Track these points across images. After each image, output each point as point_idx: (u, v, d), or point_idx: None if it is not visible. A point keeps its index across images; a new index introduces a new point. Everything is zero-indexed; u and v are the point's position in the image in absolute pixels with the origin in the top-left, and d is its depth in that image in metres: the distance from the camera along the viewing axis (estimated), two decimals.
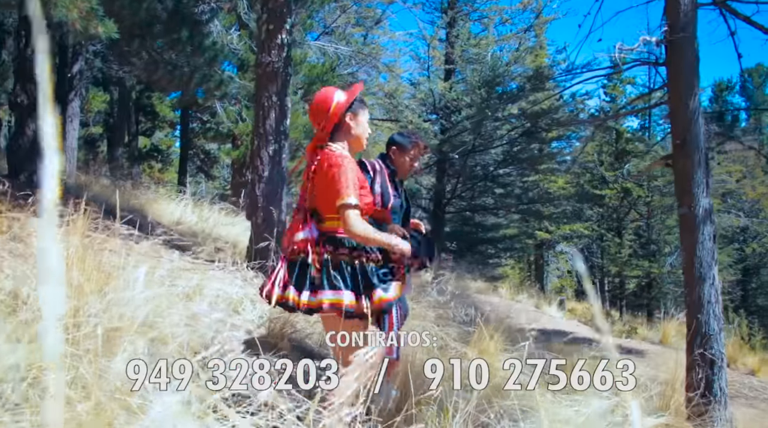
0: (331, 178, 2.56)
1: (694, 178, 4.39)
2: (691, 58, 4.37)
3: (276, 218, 5.67)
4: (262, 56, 5.61)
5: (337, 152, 2.65)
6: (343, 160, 2.59)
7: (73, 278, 2.91)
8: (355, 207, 2.50)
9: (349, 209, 2.49)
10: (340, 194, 2.50)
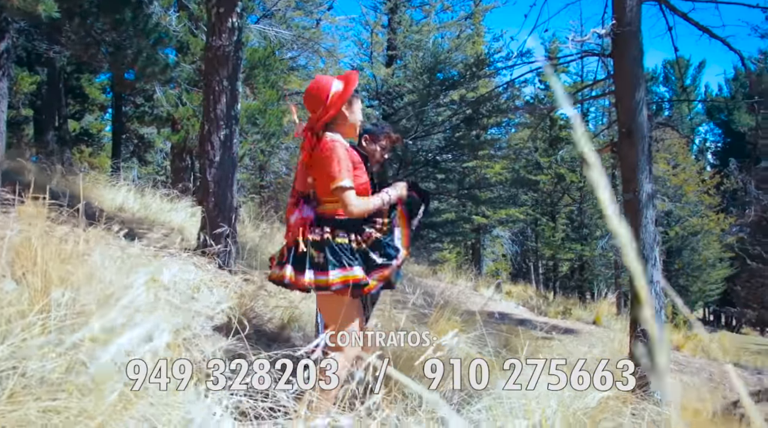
0: (326, 164, 2.67)
1: (639, 165, 4.65)
2: (636, 51, 4.62)
3: (228, 203, 5.63)
4: (212, 40, 5.52)
5: (330, 139, 2.74)
6: (335, 145, 2.69)
7: (38, 268, 2.86)
8: (350, 189, 2.62)
9: (345, 191, 2.62)
10: (335, 178, 2.62)
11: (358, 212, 2.65)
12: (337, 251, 2.65)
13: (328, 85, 2.77)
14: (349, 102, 2.81)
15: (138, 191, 8.89)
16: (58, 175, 8.08)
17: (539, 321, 13.51)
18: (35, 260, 3.27)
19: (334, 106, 2.74)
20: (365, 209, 2.65)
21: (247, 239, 7.49)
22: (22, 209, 4.24)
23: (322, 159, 2.70)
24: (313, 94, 2.79)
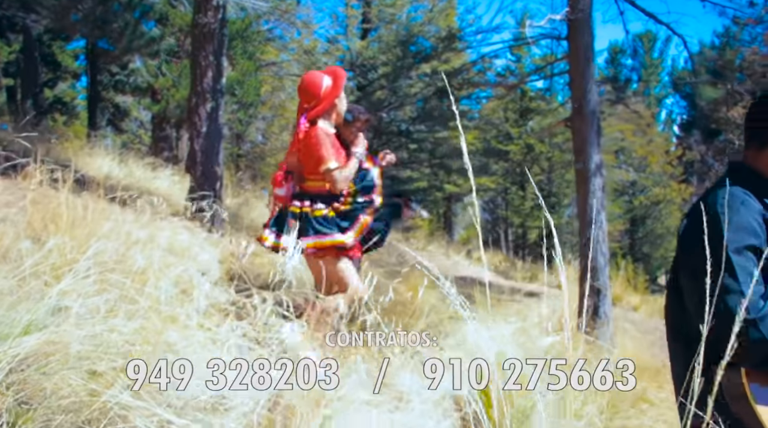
0: (315, 149, 3.16)
1: (588, 138, 5.19)
2: (588, 36, 5.12)
3: (214, 172, 6.05)
4: (198, 17, 5.87)
5: (320, 128, 3.23)
6: (322, 134, 3.19)
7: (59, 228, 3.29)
8: (336, 169, 3.14)
9: (332, 172, 3.14)
10: (324, 161, 3.13)
11: (344, 186, 3.17)
12: (314, 222, 3.16)
13: (320, 81, 3.26)
14: (339, 96, 3.32)
15: (122, 159, 9.19)
16: (45, 143, 8.36)
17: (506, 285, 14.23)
18: (47, 223, 3.70)
19: (326, 99, 3.24)
20: (348, 178, 3.17)
21: (229, 205, 7.92)
22: (26, 174, 4.61)
23: (311, 145, 3.18)
24: (307, 89, 3.29)
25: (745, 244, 1.42)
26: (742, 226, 1.45)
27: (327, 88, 3.25)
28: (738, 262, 1.39)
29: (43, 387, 1.69)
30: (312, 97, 3.26)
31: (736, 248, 1.41)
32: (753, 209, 1.49)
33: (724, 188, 1.54)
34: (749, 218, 1.46)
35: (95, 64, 17.17)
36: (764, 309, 1.36)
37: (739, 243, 1.42)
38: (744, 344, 1.33)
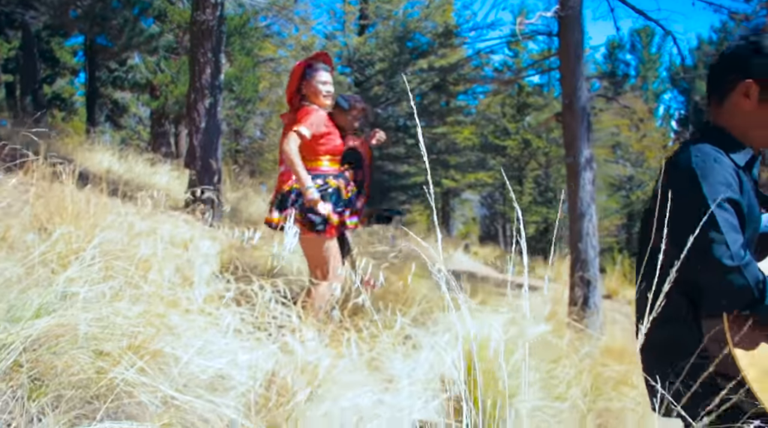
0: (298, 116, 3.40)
1: (578, 133, 5.31)
2: (578, 34, 5.24)
3: (213, 167, 6.16)
4: (197, 15, 5.97)
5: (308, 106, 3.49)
6: (311, 108, 3.43)
7: (64, 220, 3.41)
8: (297, 134, 3.28)
9: (293, 133, 3.29)
10: (298, 123, 3.32)
11: (286, 155, 3.30)
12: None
13: (297, 67, 3.59)
14: (309, 75, 3.52)
15: (121, 155, 9.31)
16: (45, 139, 8.46)
17: (500, 278, 14.34)
18: (52, 215, 3.81)
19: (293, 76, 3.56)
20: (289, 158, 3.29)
21: (228, 199, 8.03)
22: (28, 169, 4.72)
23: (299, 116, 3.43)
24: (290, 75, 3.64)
25: (722, 196, 1.48)
26: (719, 180, 1.51)
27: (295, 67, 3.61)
28: (720, 216, 1.46)
29: (54, 365, 1.81)
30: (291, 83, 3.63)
31: (715, 200, 1.47)
32: (725, 164, 1.56)
33: (696, 145, 1.60)
34: (724, 172, 1.53)
35: (94, 61, 17.24)
36: (746, 257, 1.44)
37: (716, 195, 1.48)
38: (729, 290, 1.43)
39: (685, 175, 1.54)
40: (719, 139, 1.63)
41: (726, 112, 1.67)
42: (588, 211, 5.24)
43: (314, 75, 3.53)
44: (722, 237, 1.43)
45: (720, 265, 1.42)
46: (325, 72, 3.59)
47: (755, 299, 1.42)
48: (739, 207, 1.50)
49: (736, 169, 1.57)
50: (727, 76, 1.65)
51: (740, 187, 1.53)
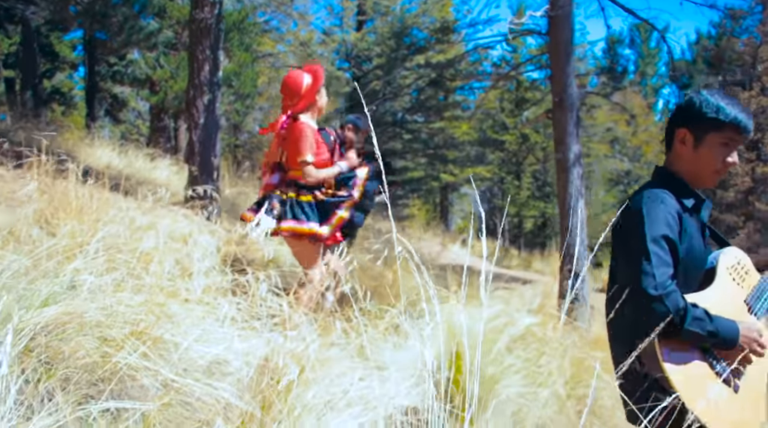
0: (297, 142, 3.49)
1: (568, 129, 5.44)
2: (567, 32, 5.36)
3: (212, 162, 6.28)
4: (195, 13, 6.09)
5: (303, 122, 3.54)
6: (305, 128, 3.50)
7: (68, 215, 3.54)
8: (310, 163, 3.47)
9: (306, 165, 3.47)
10: (301, 154, 3.45)
11: (313, 181, 3.50)
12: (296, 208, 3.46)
13: (301, 79, 3.56)
14: (319, 90, 3.59)
15: (121, 150, 9.43)
16: (47, 132, 8.58)
17: (497, 272, 14.47)
18: (56, 210, 3.94)
19: (306, 97, 3.54)
20: (318, 178, 3.51)
21: (227, 194, 8.16)
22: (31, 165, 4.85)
23: (294, 138, 3.50)
24: (289, 87, 3.58)
25: (660, 234, 1.73)
26: (659, 219, 1.75)
27: (307, 86, 3.53)
28: (653, 249, 1.70)
29: (61, 350, 1.94)
30: (294, 95, 3.55)
31: (652, 238, 1.72)
32: (670, 205, 1.80)
33: (649, 189, 1.86)
34: (665, 213, 1.77)
35: (93, 55, 17.32)
36: (669, 288, 1.66)
37: (655, 234, 1.72)
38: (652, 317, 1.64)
39: (634, 213, 1.80)
40: (670, 182, 1.88)
41: (673, 158, 1.93)
42: (576, 205, 5.37)
43: (323, 92, 3.69)
44: (651, 269, 1.67)
45: (646, 293, 1.65)
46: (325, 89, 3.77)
47: (676, 324, 1.64)
48: (674, 245, 1.74)
49: (680, 211, 1.81)
50: (671, 126, 1.93)
51: (681, 228, 1.78)
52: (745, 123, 1.82)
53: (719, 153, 1.84)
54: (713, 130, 1.83)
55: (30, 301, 2.07)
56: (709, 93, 1.86)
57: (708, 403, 1.65)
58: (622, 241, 1.86)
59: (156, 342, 2.10)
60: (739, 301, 1.87)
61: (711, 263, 1.89)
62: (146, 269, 2.66)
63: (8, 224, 3.52)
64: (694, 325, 1.65)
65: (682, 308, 1.65)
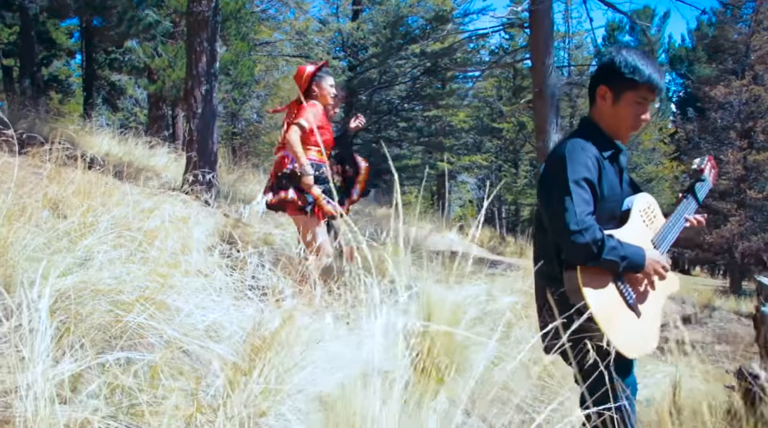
0: (299, 113, 3.93)
1: (548, 118, 5.72)
2: (547, 26, 5.61)
3: (209, 150, 6.55)
4: (193, 6, 6.33)
5: (311, 103, 4.02)
6: (309, 106, 3.96)
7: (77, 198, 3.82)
8: (298, 126, 3.86)
9: (294, 125, 3.87)
10: (297, 118, 3.87)
11: (289, 145, 3.87)
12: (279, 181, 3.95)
13: (304, 68, 4.14)
14: (319, 78, 4.09)
15: (121, 138, 9.68)
16: (46, 123, 8.85)
17: (490, 259, 14.79)
18: (64, 194, 4.22)
19: (305, 82, 4.07)
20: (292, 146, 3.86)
21: (224, 181, 8.43)
22: (35, 153, 5.12)
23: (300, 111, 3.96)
24: (297, 74, 4.19)
25: (581, 177, 1.96)
26: (580, 164, 1.99)
27: (308, 72, 4.10)
28: (574, 190, 1.94)
29: (79, 313, 2.23)
30: (299, 81, 4.11)
31: (574, 180, 1.95)
32: (590, 152, 2.04)
33: (572, 138, 2.11)
34: (585, 158, 2.01)
35: (90, 42, 17.48)
36: (588, 222, 1.90)
37: (576, 176, 1.96)
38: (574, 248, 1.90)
39: (558, 159, 2.05)
40: (591, 133, 2.14)
41: (595, 111, 2.18)
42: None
43: (325, 78, 4.14)
44: (573, 207, 1.91)
45: (568, 228, 1.90)
46: (332, 77, 4.24)
47: (594, 254, 1.89)
48: (593, 186, 1.99)
49: (599, 158, 2.06)
50: (594, 82, 2.17)
51: (599, 172, 1.99)
52: (658, 83, 2.06)
53: (634, 110, 2.09)
54: (629, 89, 2.06)
55: (50, 272, 2.36)
56: (628, 53, 2.07)
57: (618, 326, 1.92)
58: (548, 185, 2.06)
59: (160, 307, 2.39)
60: (647, 240, 2.13)
61: (627, 206, 2.14)
62: (151, 244, 2.94)
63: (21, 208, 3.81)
64: (611, 254, 1.89)
65: (599, 239, 1.88)
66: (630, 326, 1.99)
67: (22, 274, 2.36)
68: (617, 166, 2.15)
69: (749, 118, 19.26)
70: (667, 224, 2.21)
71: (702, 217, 2.35)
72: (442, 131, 20.35)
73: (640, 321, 2.02)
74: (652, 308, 2.09)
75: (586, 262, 1.91)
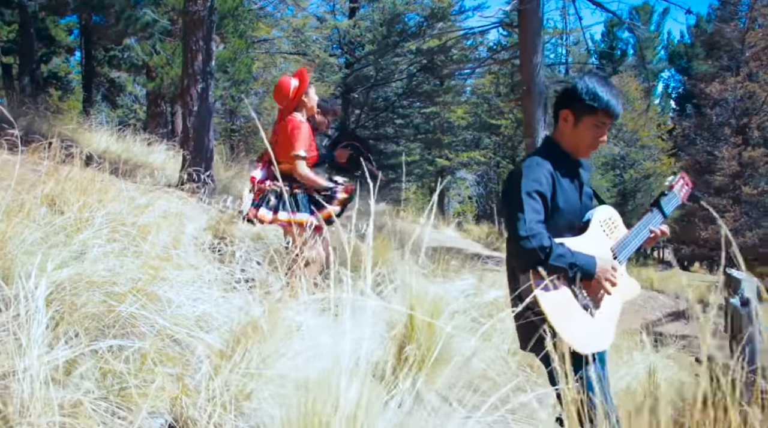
0: (291, 135, 3.90)
1: (536, 115, 5.84)
2: (536, 25, 5.72)
3: (205, 147, 6.67)
4: (188, 5, 6.45)
5: (298, 119, 3.98)
6: (301, 125, 3.93)
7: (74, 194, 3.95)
8: (303, 158, 3.87)
9: (299, 159, 3.86)
10: (295, 148, 3.86)
11: (302, 177, 3.89)
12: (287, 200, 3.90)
13: (289, 84, 4.00)
14: (306, 92, 4.03)
15: (119, 135, 9.80)
16: (47, 119, 8.97)
17: (485, 254, 14.92)
18: (61, 191, 4.34)
19: (294, 99, 3.99)
20: (307, 178, 3.90)
21: (220, 177, 8.56)
22: (34, 150, 5.24)
23: (289, 132, 3.91)
24: (280, 92, 4.03)
25: (533, 189, 2.16)
26: (534, 178, 2.19)
27: (294, 88, 3.98)
28: (526, 200, 2.13)
29: (74, 303, 2.36)
30: (284, 98, 4.01)
31: (527, 192, 2.15)
32: (544, 168, 2.24)
33: (532, 156, 2.32)
34: (539, 174, 2.20)
35: (90, 40, 17.61)
36: (536, 230, 2.07)
37: (529, 188, 2.15)
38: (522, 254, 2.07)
39: (517, 174, 2.25)
40: (551, 151, 2.35)
41: (557, 132, 2.39)
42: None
43: (311, 88, 4.10)
44: (523, 216, 2.10)
45: (518, 235, 2.08)
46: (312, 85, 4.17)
47: (541, 259, 2.06)
48: (545, 198, 2.18)
49: (554, 174, 2.25)
50: (557, 106, 2.37)
51: (554, 186, 2.21)
52: (614, 109, 2.26)
53: (593, 133, 2.29)
54: (589, 113, 2.26)
55: (47, 264, 2.48)
56: (589, 80, 2.27)
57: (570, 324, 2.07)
58: (506, 196, 2.26)
59: (152, 298, 2.51)
60: (607, 248, 2.31)
61: (588, 217, 2.32)
62: (144, 239, 3.07)
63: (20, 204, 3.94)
64: (558, 261, 2.05)
65: (547, 246, 2.05)
66: (582, 325, 2.14)
67: (20, 267, 2.48)
68: (577, 181, 2.34)
69: (744, 114, 19.38)
70: (629, 234, 2.38)
71: (666, 228, 2.50)
72: (440, 127, 20.46)
73: (594, 321, 2.19)
74: (607, 311, 2.25)
75: (535, 266, 2.05)
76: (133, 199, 4.82)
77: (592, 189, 2.45)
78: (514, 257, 2.23)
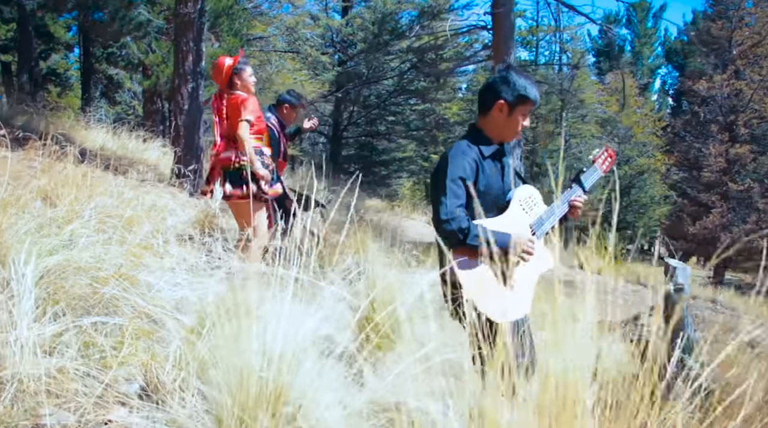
0: (242, 105, 4.21)
1: None
2: (509, 28, 5.99)
3: (195, 144, 6.95)
4: (179, 8, 6.72)
5: (242, 94, 4.29)
6: (249, 98, 4.26)
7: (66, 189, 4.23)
8: (248, 122, 4.16)
9: (243, 121, 4.16)
10: (242, 114, 4.17)
11: (241, 140, 4.16)
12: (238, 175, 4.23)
13: (223, 61, 4.33)
14: (239, 70, 4.31)
15: (115, 132, 10.08)
16: (45, 116, 9.25)
17: None
18: (55, 186, 4.62)
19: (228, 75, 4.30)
20: (244, 143, 4.16)
21: None
22: (30, 147, 5.52)
23: (240, 103, 4.22)
24: (216, 68, 4.37)
25: (457, 175, 2.39)
26: (458, 165, 2.42)
27: (228, 65, 4.28)
28: (449, 186, 2.37)
29: (63, 286, 2.64)
30: (218, 74, 4.33)
31: (451, 178, 2.38)
32: (469, 155, 2.47)
33: (458, 142, 2.56)
34: (464, 160, 2.44)
35: (88, 37, 17.81)
36: (455, 213, 2.32)
37: (453, 175, 2.39)
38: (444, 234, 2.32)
39: (443, 160, 2.51)
40: (476, 137, 2.55)
41: (488, 120, 2.61)
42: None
43: (244, 69, 4.35)
44: (446, 200, 2.34)
45: (439, 218, 2.35)
46: (250, 67, 4.44)
47: (460, 239, 2.32)
48: (467, 184, 2.41)
49: (479, 159, 2.50)
50: (489, 97, 2.59)
51: (477, 171, 2.41)
52: (537, 99, 2.55)
53: (521, 120, 2.55)
54: (521, 104, 2.51)
55: (38, 251, 2.77)
56: (518, 75, 2.53)
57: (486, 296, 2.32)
58: (433, 181, 2.49)
59: (133, 282, 2.80)
60: (525, 225, 2.55)
61: (510, 197, 2.57)
62: (129, 230, 3.36)
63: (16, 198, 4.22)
64: (474, 240, 2.29)
65: (465, 228, 2.30)
66: (498, 296, 2.39)
67: (14, 253, 2.77)
68: (499, 164, 2.59)
69: (731, 111, 19.65)
70: (547, 210, 2.62)
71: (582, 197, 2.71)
72: (435, 124, 20.70)
73: (509, 293, 2.43)
74: (524, 282, 2.50)
75: (455, 246, 2.32)
76: (121, 193, 5.10)
77: (515, 171, 2.69)
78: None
